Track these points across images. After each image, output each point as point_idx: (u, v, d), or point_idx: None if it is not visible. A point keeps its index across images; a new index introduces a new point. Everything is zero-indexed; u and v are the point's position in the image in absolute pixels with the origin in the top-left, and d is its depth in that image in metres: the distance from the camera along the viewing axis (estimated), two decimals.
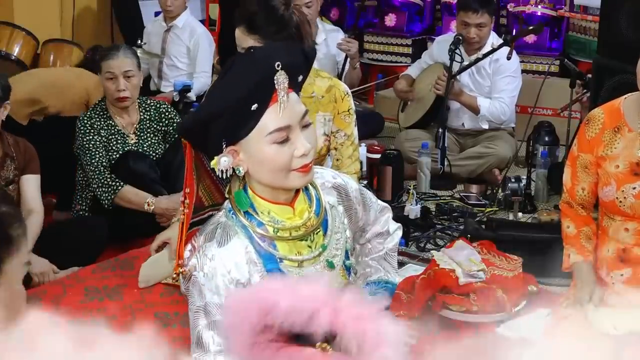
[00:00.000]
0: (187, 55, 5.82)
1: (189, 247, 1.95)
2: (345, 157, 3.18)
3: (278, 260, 1.94)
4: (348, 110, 3.19)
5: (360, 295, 1.24)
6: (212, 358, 1.88)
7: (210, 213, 1.99)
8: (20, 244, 1.26)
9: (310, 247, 2.00)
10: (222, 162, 1.87)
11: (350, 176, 3.10)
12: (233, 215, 1.94)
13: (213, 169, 1.92)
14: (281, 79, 1.83)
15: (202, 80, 5.76)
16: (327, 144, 3.19)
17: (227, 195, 1.98)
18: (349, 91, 3.25)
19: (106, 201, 4.05)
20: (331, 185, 2.12)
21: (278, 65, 1.83)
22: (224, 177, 1.90)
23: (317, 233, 2.01)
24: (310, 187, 2.03)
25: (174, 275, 1.92)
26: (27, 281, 3.45)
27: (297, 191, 1.99)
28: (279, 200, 1.95)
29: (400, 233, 2.42)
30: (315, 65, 2.48)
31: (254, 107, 1.83)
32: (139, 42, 5.82)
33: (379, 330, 1.18)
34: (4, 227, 1.24)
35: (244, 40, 2.97)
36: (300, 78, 1.92)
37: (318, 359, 1.27)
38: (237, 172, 1.90)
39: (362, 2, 6.57)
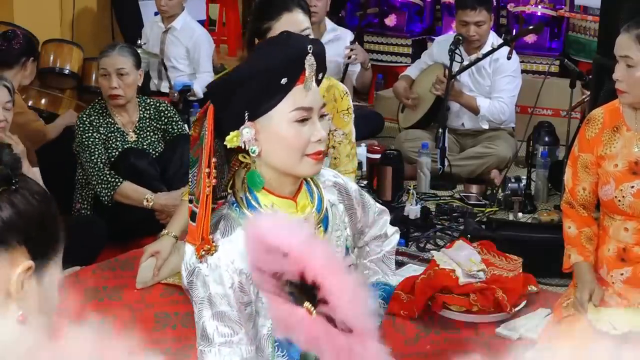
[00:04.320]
0: (187, 56, 5.82)
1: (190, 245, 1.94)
2: (343, 156, 3.20)
3: None
4: (347, 109, 3.22)
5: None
6: (216, 349, 1.89)
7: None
8: (61, 245, 1.29)
9: None
10: (244, 133, 1.90)
11: (348, 174, 3.12)
12: (236, 208, 1.95)
13: (218, 152, 1.94)
14: (311, 61, 1.91)
15: (206, 79, 5.74)
16: (327, 142, 3.21)
17: (229, 190, 2.00)
18: (348, 90, 3.27)
19: (106, 197, 4.06)
20: (332, 183, 2.14)
21: (310, 49, 1.91)
22: (245, 147, 1.92)
23: (317, 229, 2.03)
24: (312, 184, 2.06)
25: (201, 255, 1.91)
26: None
27: (300, 187, 2.01)
28: (283, 194, 1.98)
29: (397, 237, 2.42)
30: None
31: (284, 81, 1.89)
32: (139, 42, 5.82)
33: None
34: (58, 227, 1.27)
35: (304, 22, 3.00)
36: (320, 76, 1.99)
37: (307, 323, 1.36)
38: (251, 151, 1.92)
39: (364, 11, 6.58)
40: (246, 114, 1.90)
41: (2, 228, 1.17)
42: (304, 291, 1.41)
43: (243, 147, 1.91)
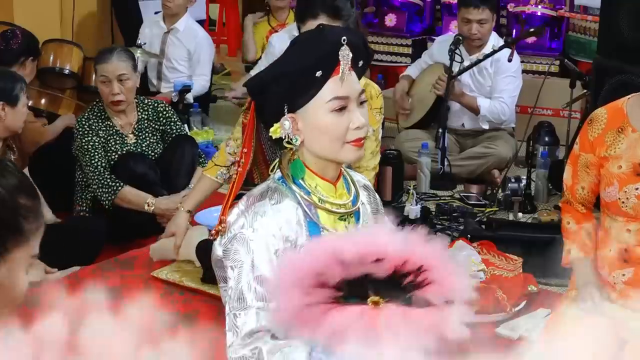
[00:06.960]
0: (188, 58, 5.83)
1: (234, 210, 2.00)
2: (367, 152, 3.27)
3: (321, 228, 2.01)
4: (380, 109, 3.35)
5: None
6: (253, 311, 1.91)
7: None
8: (31, 237, 1.31)
9: (346, 227, 2.09)
10: (285, 125, 1.97)
11: (368, 171, 3.24)
12: (283, 183, 2.02)
13: (268, 141, 2.04)
14: (345, 53, 1.96)
15: (201, 83, 5.78)
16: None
17: (269, 173, 2.07)
18: (381, 90, 3.37)
19: (106, 202, 4.05)
20: (362, 185, 2.22)
21: (344, 40, 1.96)
22: (286, 139, 1.98)
23: (351, 217, 2.11)
24: (348, 179, 2.14)
25: (213, 232, 1.97)
26: None
27: (339, 175, 2.08)
28: (326, 177, 2.04)
29: None
30: None
31: (318, 74, 1.94)
32: (139, 42, 5.82)
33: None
34: (18, 218, 1.28)
35: None
36: (361, 63, 2.03)
37: (369, 314, 1.48)
38: (294, 140, 1.98)
39: (361, 11, 6.58)
40: (285, 107, 1.98)
41: None
42: (382, 285, 1.54)
43: (285, 138, 1.98)
